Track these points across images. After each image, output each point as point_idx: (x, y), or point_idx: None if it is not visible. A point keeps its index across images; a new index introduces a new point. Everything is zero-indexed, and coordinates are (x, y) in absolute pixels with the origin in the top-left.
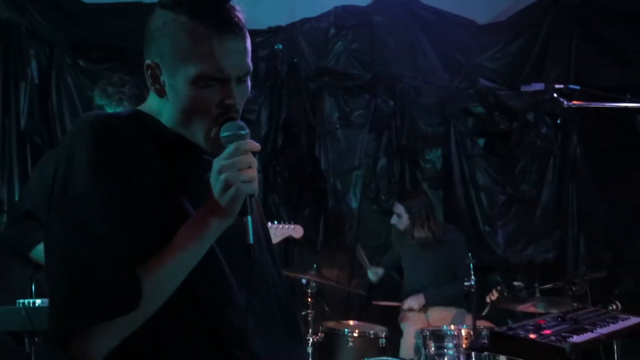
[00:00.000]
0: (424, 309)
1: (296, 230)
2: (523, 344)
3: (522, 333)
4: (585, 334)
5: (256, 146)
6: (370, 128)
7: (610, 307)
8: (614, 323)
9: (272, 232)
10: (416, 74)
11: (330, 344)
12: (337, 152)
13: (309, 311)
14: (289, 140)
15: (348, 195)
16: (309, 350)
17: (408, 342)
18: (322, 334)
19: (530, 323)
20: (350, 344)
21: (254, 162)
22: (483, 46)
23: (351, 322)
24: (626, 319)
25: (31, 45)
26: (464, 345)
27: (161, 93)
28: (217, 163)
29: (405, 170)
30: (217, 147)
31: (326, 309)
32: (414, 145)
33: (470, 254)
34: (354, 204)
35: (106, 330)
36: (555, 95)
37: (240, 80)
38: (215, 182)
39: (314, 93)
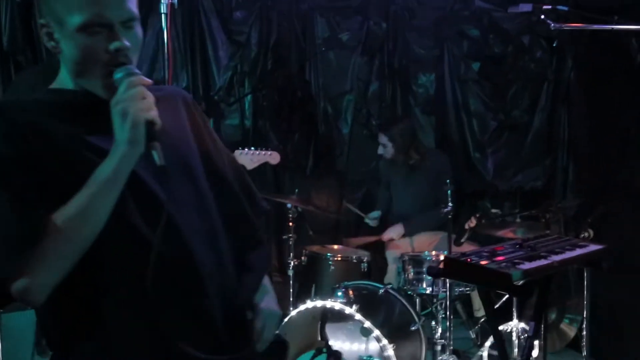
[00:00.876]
0: (409, 235)
1: (272, 157)
2: (473, 270)
3: (474, 259)
4: (537, 261)
5: (147, 81)
6: (362, 51)
7: (583, 235)
8: (570, 250)
9: (248, 157)
10: None
11: (312, 267)
12: (328, 75)
13: (290, 235)
14: (278, 62)
15: (339, 120)
16: (290, 273)
17: (392, 269)
18: (305, 258)
19: (487, 249)
20: (332, 268)
21: (149, 94)
22: None
23: (335, 247)
24: (585, 246)
25: None
26: None
27: (56, 49)
28: (113, 101)
29: (397, 94)
30: (114, 91)
31: (310, 233)
32: (406, 69)
33: (448, 181)
34: (345, 129)
35: (39, 271)
36: (542, 17)
37: (126, 25)
38: (114, 117)
39: (304, 14)
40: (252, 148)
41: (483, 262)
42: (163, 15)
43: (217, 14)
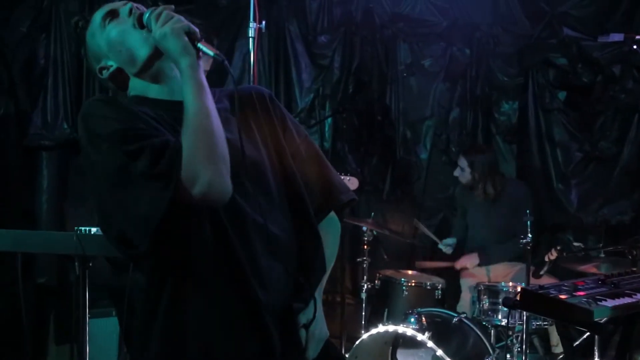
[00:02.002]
0: (485, 264)
1: (351, 182)
2: (551, 303)
3: (553, 292)
4: (621, 299)
5: (169, 6)
6: (445, 77)
7: None
8: None
9: None
10: (495, 22)
11: (385, 291)
12: (408, 100)
13: (365, 258)
14: (360, 87)
15: (418, 146)
16: (363, 296)
17: (465, 298)
18: (379, 282)
19: (567, 283)
20: (406, 293)
21: (175, 14)
22: None
23: (409, 272)
24: None
25: None
26: None
27: (112, 69)
28: (152, 35)
29: (479, 122)
30: (153, 41)
31: (385, 257)
32: (489, 96)
33: (528, 211)
34: (424, 155)
35: (214, 169)
36: (635, 47)
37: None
38: (162, 45)
39: (387, 40)
40: None
41: (562, 296)
42: (251, 39)
43: (303, 38)
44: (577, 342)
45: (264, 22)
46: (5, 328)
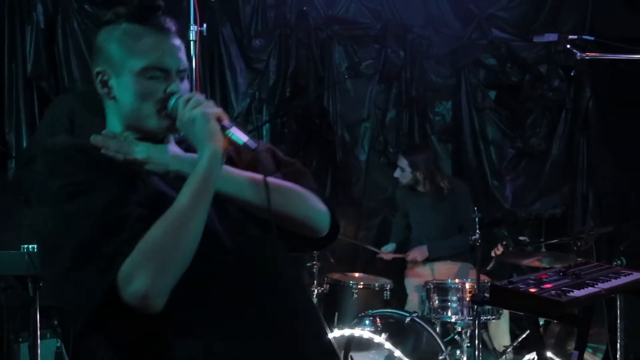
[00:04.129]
0: (429, 263)
1: None
2: (523, 298)
3: (522, 287)
4: (585, 289)
5: (200, 95)
6: (380, 79)
7: (615, 263)
8: (615, 278)
9: None
10: (427, 24)
11: (335, 295)
12: (345, 103)
13: (315, 263)
14: (297, 90)
15: (356, 148)
16: (314, 301)
17: (413, 297)
18: (327, 286)
19: (532, 277)
20: (355, 295)
21: (204, 100)
22: None
23: (356, 275)
24: (628, 274)
25: None
26: (467, 299)
27: (109, 96)
28: (178, 122)
29: (415, 122)
30: (168, 119)
31: (332, 260)
32: (423, 97)
33: (475, 208)
34: (362, 157)
35: (156, 274)
36: (568, 46)
37: (180, 75)
38: (187, 129)
39: (323, 42)
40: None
41: (532, 290)
42: (192, 43)
43: (237, 42)
44: (521, 338)
45: (204, 25)
46: None
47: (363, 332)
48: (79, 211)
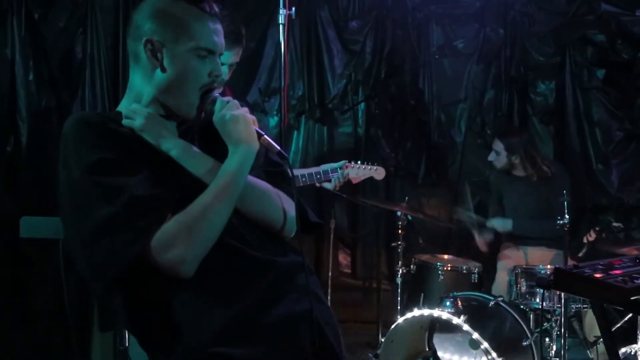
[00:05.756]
0: (523, 247)
1: (378, 172)
2: (586, 283)
3: (587, 272)
4: None
5: (230, 98)
6: (478, 58)
7: None
8: None
9: (354, 171)
10: (529, 0)
11: (421, 276)
12: (442, 83)
13: (400, 243)
14: (392, 71)
15: (452, 129)
16: (398, 281)
17: (501, 280)
18: (414, 267)
19: (602, 262)
20: (442, 277)
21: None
22: None
23: (445, 257)
24: None
25: None
26: None
27: (156, 65)
28: (218, 116)
29: (514, 103)
30: (199, 112)
31: (420, 242)
32: (524, 77)
33: (565, 192)
34: (459, 138)
35: (194, 246)
36: None
37: (220, 59)
38: (224, 126)
39: (419, 22)
40: (359, 162)
41: (597, 275)
42: (281, 26)
43: (334, 24)
44: (617, 325)
45: (293, 9)
46: (50, 316)
47: (442, 313)
48: (115, 186)
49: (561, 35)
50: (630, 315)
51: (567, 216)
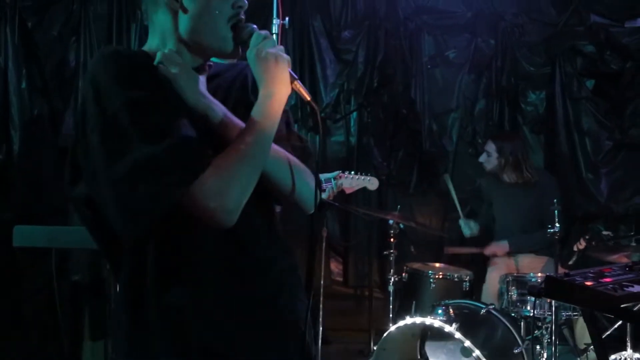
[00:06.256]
0: (513, 255)
1: (372, 183)
2: (577, 290)
3: (578, 280)
4: None
5: (268, 33)
6: (470, 68)
7: None
8: None
9: (348, 181)
10: (520, 11)
11: (413, 284)
12: (434, 93)
13: (392, 251)
14: (384, 80)
15: (444, 138)
16: (390, 289)
17: (491, 287)
18: (406, 275)
19: (593, 270)
20: (433, 285)
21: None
22: None
23: (437, 265)
24: None
25: None
26: None
27: (177, 6)
28: (254, 51)
29: (505, 113)
30: (233, 43)
31: (412, 250)
32: (515, 87)
33: (555, 200)
34: (450, 147)
35: (232, 188)
36: None
37: None
38: (259, 63)
39: (412, 32)
40: (353, 172)
41: (588, 283)
42: (274, 36)
43: (327, 34)
44: (607, 333)
45: (287, 18)
46: (43, 324)
47: (434, 321)
48: (158, 125)
49: (551, 46)
50: (620, 322)
51: (557, 225)
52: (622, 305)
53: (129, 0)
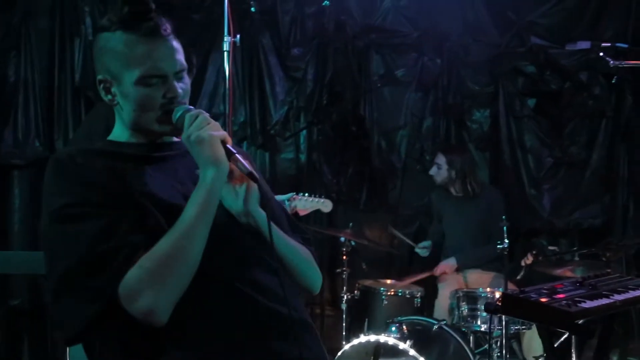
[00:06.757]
0: (462, 271)
1: (325, 205)
2: (533, 307)
3: (533, 296)
4: (599, 300)
5: (206, 114)
6: (417, 87)
7: None
8: (634, 290)
9: (301, 203)
10: (465, 32)
11: (365, 301)
12: (382, 110)
13: (344, 269)
14: (334, 98)
15: (393, 155)
16: (343, 307)
17: (442, 303)
18: (358, 292)
19: (546, 287)
20: (385, 302)
21: (211, 120)
22: (536, 1)
23: (388, 281)
24: None
25: (86, 2)
26: None
27: (114, 103)
28: (183, 137)
29: (451, 130)
30: (170, 125)
31: (364, 267)
32: (460, 105)
33: (504, 217)
34: (398, 163)
35: (159, 292)
36: (601, 54)
37: (178, 76)
38: (192, 148)
39: (360, 51)
40: (307, 194)
41: (543, 300)
42: (225, 53)
43: (276, 51)
44: (555, 345)
45: (238, 36)
46: None
47: (388, 338)
48: (74, 236)
49: (494, 66)
50: (565, 336)
51: (506, 240)
52: (576, 321)
53: (72, 14)
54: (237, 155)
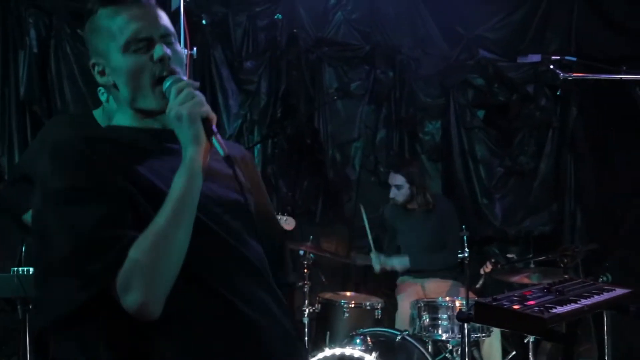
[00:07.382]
0: (420, 279)
1: (288, 223)
2: (506, 315)
3: (506, 304)
4: (568, 305)
5: (194, 83)
6: (370, 99)
7: (601, 279)
8: (599, 294)
9: None
10: (416, 45)
11: (327, 314)
12: (336, 123)
13: (306, 282)
14: (288, 111)
15: (347, 167)
16: (305, 321)
17: (403, 314)
18: (319, 305)
19: (516, 294)
20: (347, 315)
21: (198, 94)
22: (484, 16)
23: (348, 294)
24: (611, 290)
25: (30, 13)
26: None
27: (110, 83)
28: (167, 110)
29: (405, 142)
30: (164, 101)
31: (323, 280)
32: (413, 117)
33: (464, 226)
34: (353, 176)
35: (149, 284)
36: (551, 66)
37: (165, 41)
38: (172, 124)
39: (313, 64)
40: None
41: (515, 307)
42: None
43: (228, 64)
44: (511, 355)
45: (195, 49)
46: None
47: (354, 351)
48: (72, 220)
49: (445, 78)
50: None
51: (467, 250)
52: (549, 327)
53: (15, 26)
54: (217, 135)
